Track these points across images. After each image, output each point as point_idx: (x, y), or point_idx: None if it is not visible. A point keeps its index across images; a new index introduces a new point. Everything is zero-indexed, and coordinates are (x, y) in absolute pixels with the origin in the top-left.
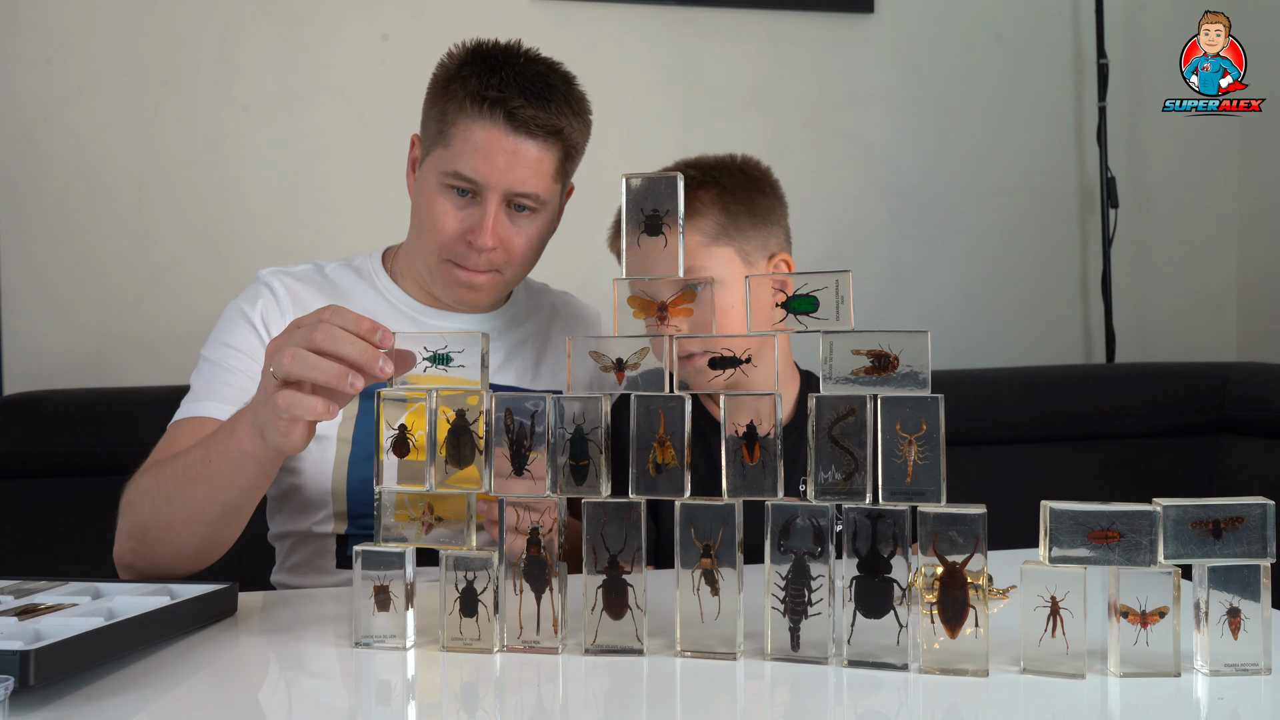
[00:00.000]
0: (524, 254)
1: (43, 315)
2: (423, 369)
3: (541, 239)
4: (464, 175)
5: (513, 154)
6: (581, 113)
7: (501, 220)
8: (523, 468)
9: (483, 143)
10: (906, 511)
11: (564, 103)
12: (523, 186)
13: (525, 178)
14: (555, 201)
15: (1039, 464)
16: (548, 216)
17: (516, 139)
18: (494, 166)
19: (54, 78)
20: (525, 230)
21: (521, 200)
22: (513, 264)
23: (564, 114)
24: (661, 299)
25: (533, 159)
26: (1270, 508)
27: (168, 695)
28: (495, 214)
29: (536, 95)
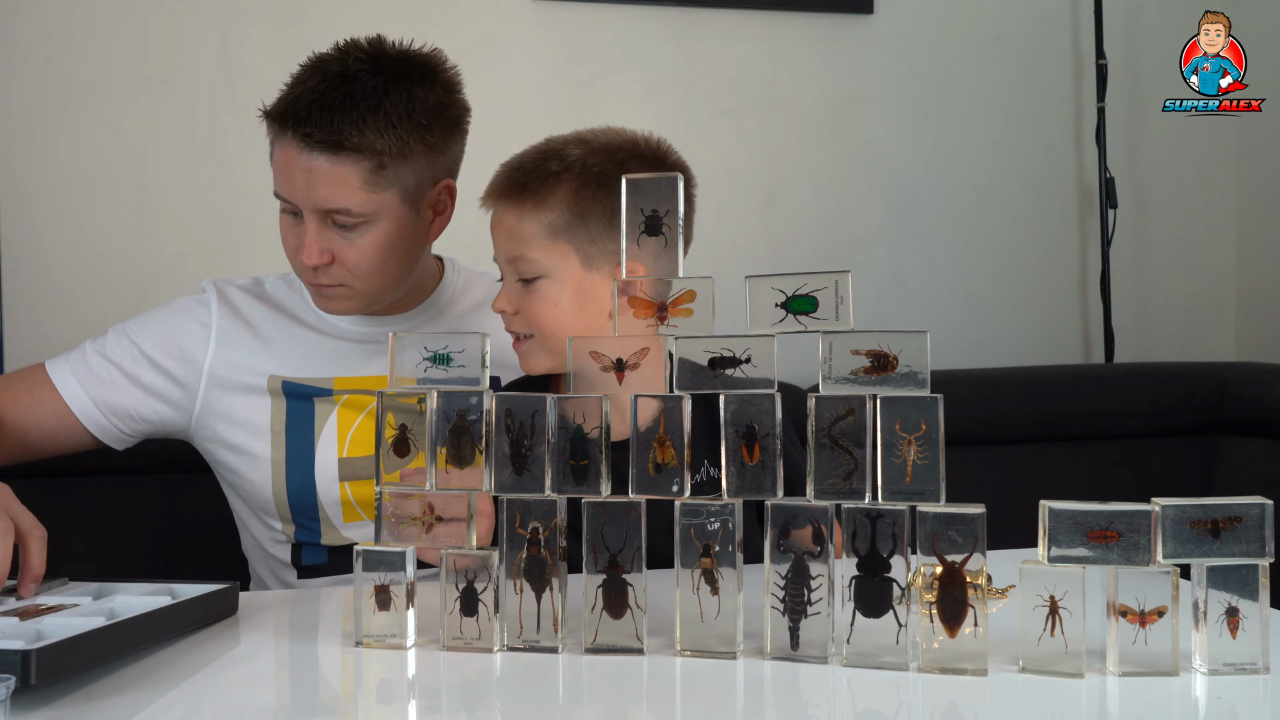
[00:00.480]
0: (364, 265)
1: (43, 315)
2: (423, 369)
3: (383, 250)
4: (280, 195)
5: (308, 171)
6: (397, 120)
7: (325, 235)
8: (523, 468)
9: (282, 162)
10: (906, 511)
11: (363, 113)
12: (328, 203)
13: (328, 194)
14: (390, 210)
15: (1038, 464)
16: (387, 226)
17: (309, 156)
18: (295, 185)
19: (54, 78)
20: (357, 243)
21: (339, 217)
22: (356, 276)
23: (357, 127)
24: (661, 299)
25: (331, 175)
26: (1269, 507)
27: (168, 695)
28: (314, 231)
29: (326, 108)
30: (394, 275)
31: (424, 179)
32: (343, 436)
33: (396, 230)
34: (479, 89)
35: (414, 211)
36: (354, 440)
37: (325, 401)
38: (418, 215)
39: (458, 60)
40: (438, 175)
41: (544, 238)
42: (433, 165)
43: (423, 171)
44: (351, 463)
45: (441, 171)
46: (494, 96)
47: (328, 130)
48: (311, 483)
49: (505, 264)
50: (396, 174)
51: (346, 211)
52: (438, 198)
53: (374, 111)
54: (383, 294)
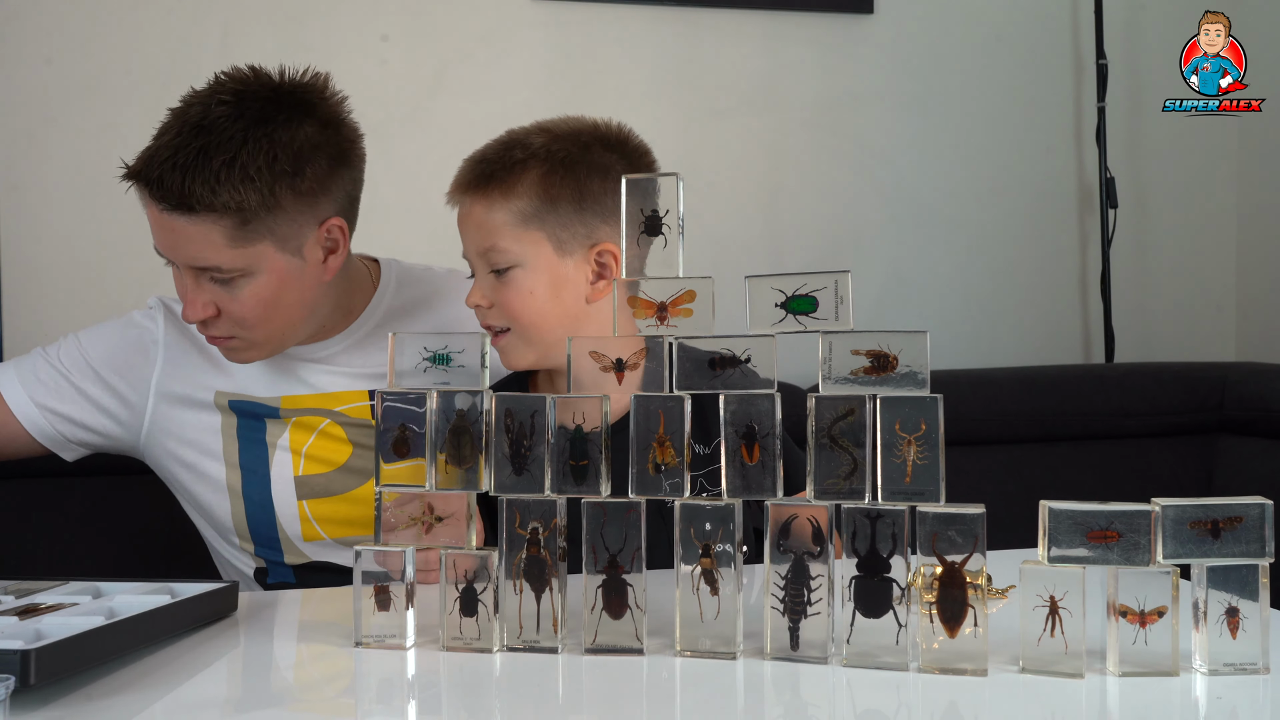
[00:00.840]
0: (250, 317)
1: (43, 315)
2: (423, 369)
3: (268, 299)
4: (156, 249)
5: (171, 231)
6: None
7: (205, 290)
8: (523, 468)
9: (150, 219)
10: (906, 511)
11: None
12: (195, 261)
13: (194, 253)
14: (265, 262)
15: (1038, 464)
16: (268, 278)
17: (169, 216)
18: (163, 243)
19: (54, 78)
20: (239, 296)
21: (212, 275)
22: (245, 328)
23: (209, 186)
24: (661, 299)
25: (193, 234)
26: (1269, 507)
27: (168, 695)
28: (192, 286)
29: (178, 167)
30: (290, 321)
31: (302, 224)
32: (297, 455)
33: (278, 280)
34: (479, 89)
35: (296, 258)
36: (309, 457)
37: (276, 422)
38: (303, 260)
39: (457, 60)
40: (322, 215)
41: (515, 226)
42: (313, 208)
43: (299, 218)
44: (309, 481)
45: (327, 210)
46: (494, 96)
47: (179, 193)
48: (269, 503)
49: (476, 257)
50: (265, 225)
51: (216, 269)
52: (327, 237)
53: (229, 166)
54: (286, 337)
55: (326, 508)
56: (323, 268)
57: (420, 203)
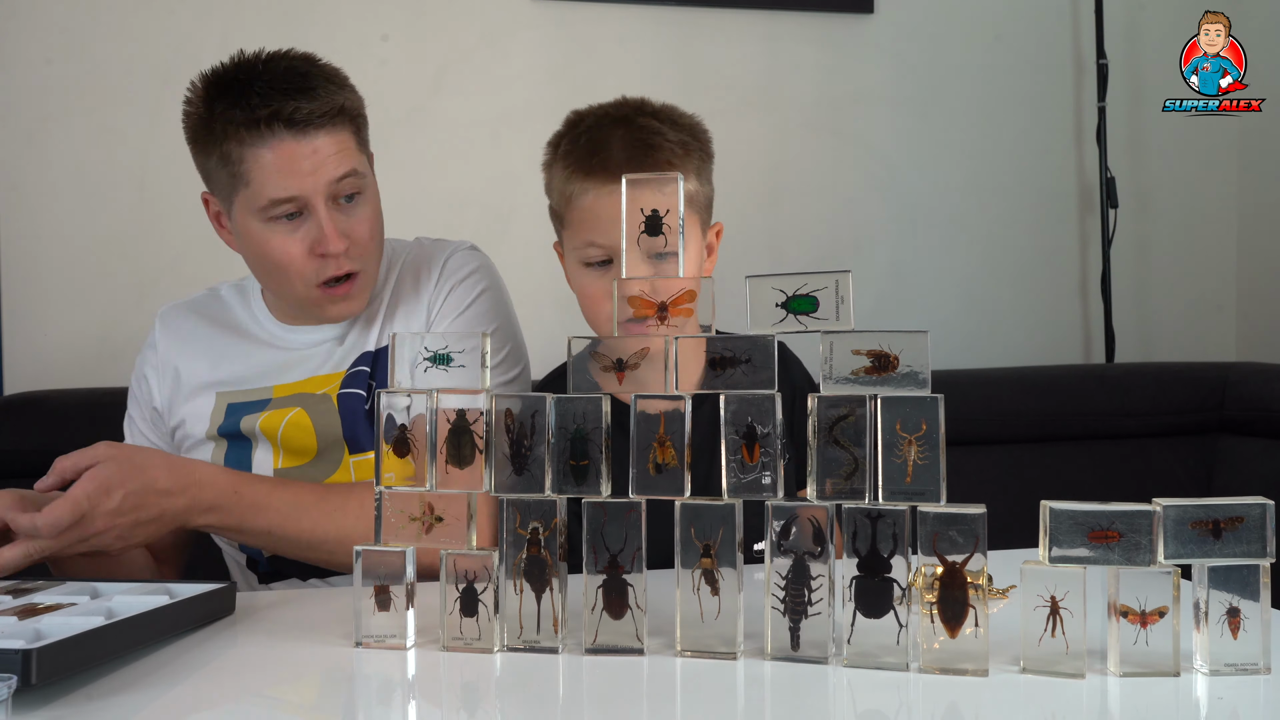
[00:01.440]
0: (372, 239)
1: (43, 315)
2: (423, 369)
3: (379, 218)
4: (281, 199)
5: (313, 154)
6: (342, 80)
7: (338, 219)
8: (523, 468)
9: (281, 161)
10: (906, 511)
11: (326, 81)
12: (339, 169)
13: (337, 163)
14: (372, 175)
15: (1039, 464)
16: (374, 193)
17: (309, 140)
18: (303, 175)
19: (54, 78)
20: (363, 215)
21: (346, 185)
22: (367, 255)
23: (333, 91)
24: (661, 299)
25: (333, 144)
26: (1270, 508)
27: (168, 695)
28: (329, 216)
29: (300, 90)
30: (382, 247)
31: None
32: (277, 450)
33: (377, 198)
34: (479, 89)
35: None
36: (286, 450)
37: (251, 417)
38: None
39: (457, 60)
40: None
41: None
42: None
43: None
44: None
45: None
46: (494, 96)
47: (315, 104)
48: None
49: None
50: (367, 135)
51: (354, 173)
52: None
53: (327, 79)
54: (378, 274)
55: None
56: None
57: (420, 202)
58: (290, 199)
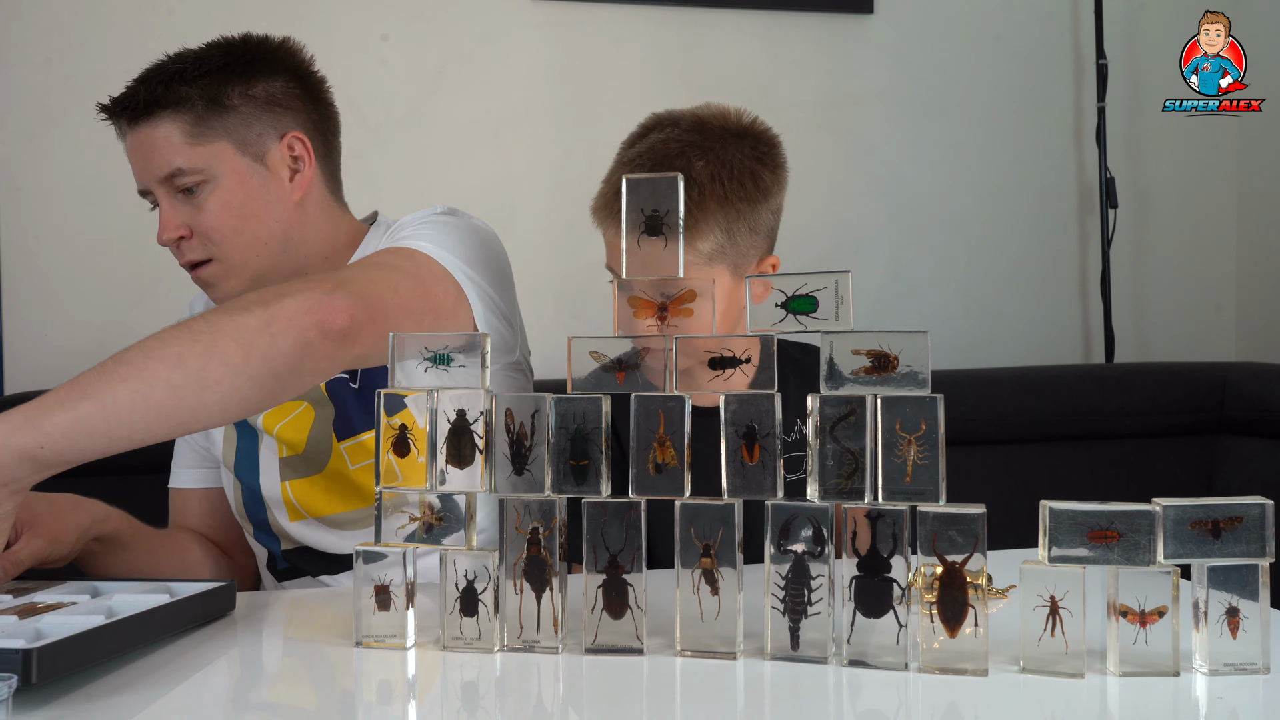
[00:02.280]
0: (219, 229)
1: (43, 315)
2: (423, 369)
3: (235, 207)
4: (138, 191)
5: (138, 147)
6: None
7: (177, 208)
8: (523, 468)
9: (127, 153)
10: (906, 511)
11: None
12: (162, 168)
13: (159, 160)
14: (226, 165)
15: (1039, 464)
16: (229, 183)
17: (136, 132)
18: (137, 166)
19: (54, 78)
20: (207, 206)
21: (179, 182)
22: (218, 245)
23: (163, 84)
24: (661, 299)
25: (157, 138)
26: (1269, 507)
27: (168, 694)
28: (165, 206)
29: (140, 81)
30: (261, 240)
31: (260, 131)
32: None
33: (241, 185)
34: (479, 89)
35: (259, 165)
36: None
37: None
38: (266, 170)
39: (458, 60)
40: (283, 128)
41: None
42: (272, 116)
43: (256, 124)
44: (291, 461)
45: (288, 124)
46: (494, 96)
47: (138, 98)
48: (258, 487)
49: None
50: (221, 124)
51: (180, 171)
52: (290, 152)
53: (181, 71)
54: (260, 264)
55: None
56: (290, 185)
57: (420, 202)
58: (141, 191)
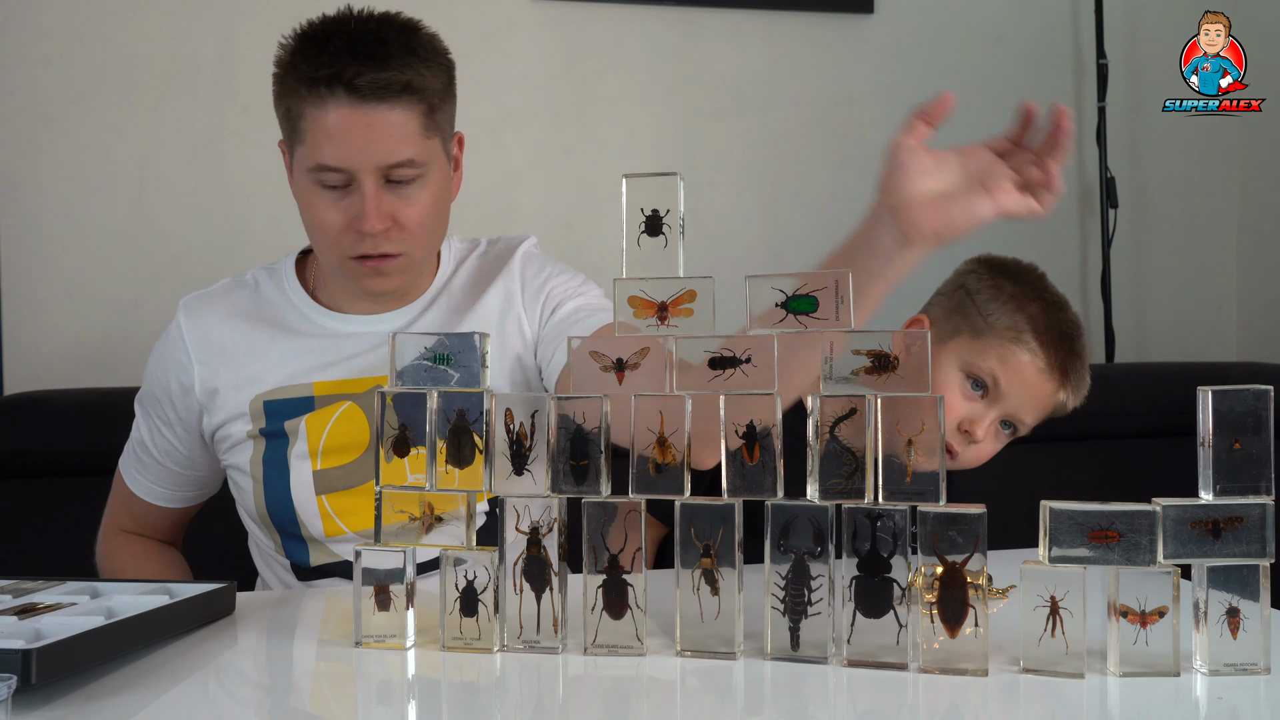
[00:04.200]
0: (422, 226)
1: (43, 315)
2: (423, 369)
3: (438, 204)
4: (328, 165)
5: (368, 127)
6: (431, 57)
7: (384, 198)
8: (523, 468)
9: (334, 126)
10: (906, 511)
11: (406, 54)
12: (391, 157)
13: (391, 147)
14: (439, 159)
15: (1039, 464)
16: (437, 178)
17: (367, 110)
18: (354, 147)
19: (54, 78)
20: (415, 200)
21: (398, 172)
22: (414, 239)
23: (409, 66)
24: (661, 299)
25: (393, 125)
26: (1269, 508)
27: (168, 695)
28: (374, 195)
29: (371, 57)
30: (439, 236)
31: (451, 127)
32: (314, 449)
33: (443, 183)
34: (479, 89)
35: (449, 163)
36: (326, 451)
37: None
38: (449, 166)
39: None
40: (453, 124)
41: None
42: (453, 111)
43: (452, 118)
44: (326, 475)
45: (454, 119)
46: (494, 96)
47: (383, 74)
48: (289, 500)
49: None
50: (444, 117)
51: (409, 163)
52: (458, 149)
53: (414, 52)
54: (428, 260)
55: (344, 501)
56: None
57: None
58: (338, 169)
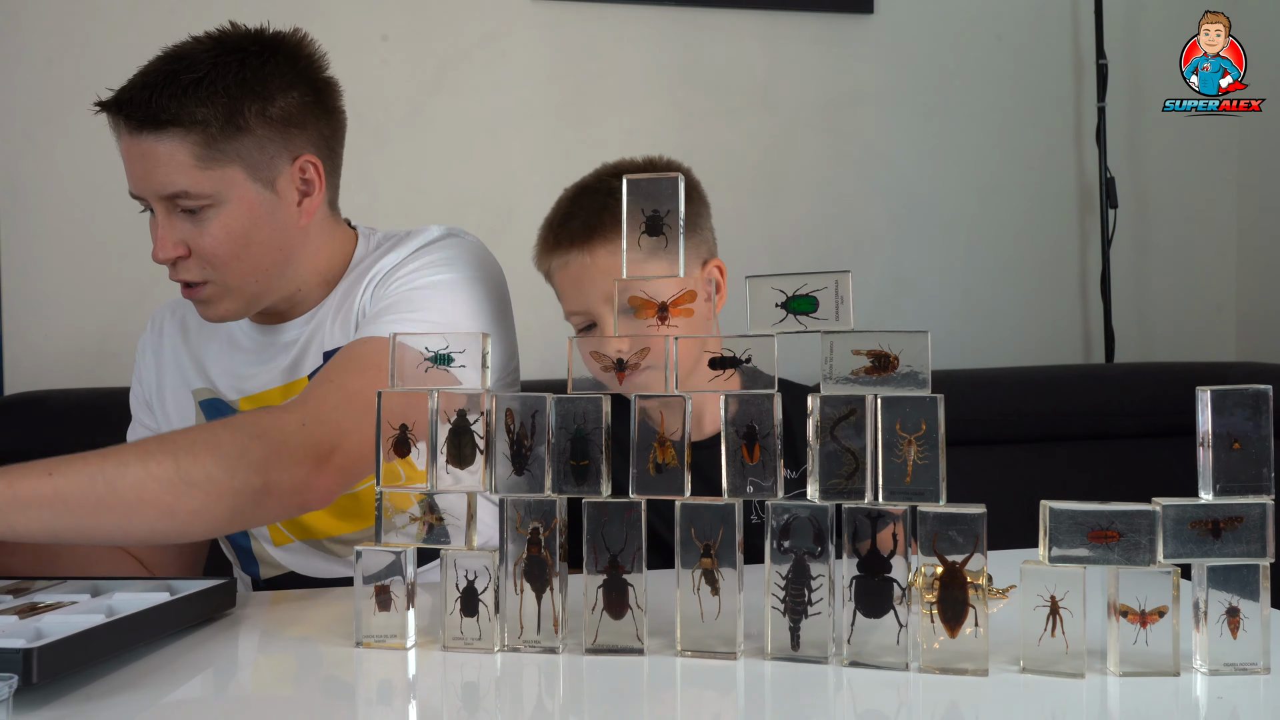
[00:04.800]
0: (220, 254)
1: (43, 315)
2: (424, 369)
3: (240, 233)
4: (131, 192)
5: (141, 157)
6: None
7: (176, 226)
8: (523, 468)
9: (123, 153)
10: (906, 511)
11: (184, 86)
12: (165, 188)
13: (163, 177)
14: (234, 189)
15: (1039, 464)
16: (238, 208)
17: (139, 140)
18: (135, 175)
19: (54, 78)
20: (209, 230)
21: (182, 200)
22: (215, 268)
23: (176, 99)
24: (661, 299)
25: (161, 154)
26: (1269, 507)
27: (168, 694)
28: (163, 222)
29: (147, 87)
30: (262, 265)
31: (274, 154)
32: None
33: (249, 212)
34: (479, 89)
35: (269, 191)
36: None
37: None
38: (275, 195)
39: (458, 60)
40: (295, 151)
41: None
42: (286, 139)
43: (270, 147)
44: None
45: (301, 146)
46: (494, 96)
47: (146, 108)
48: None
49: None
50: (234, 148)
51: (185, 194)
52: (301, 176)
53: (196, 84)
54: (258, 288)
55: None
56: (298, 210)
57: (420, 202)
58: (135, 196)
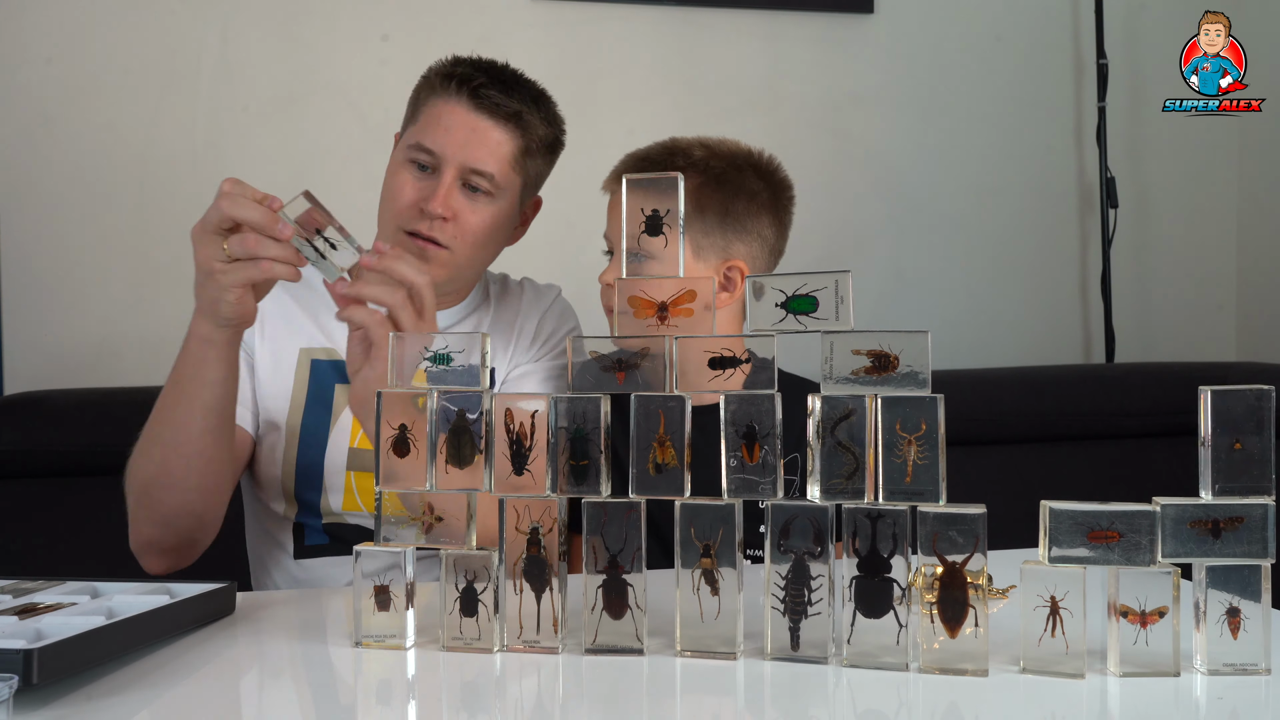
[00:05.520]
0: (475, 235)
1: (43, 315)
2: (424, 369)
3: (495, 229)
4: (424, 146)
5: (471, 130)
6: (545, 112)
7: (455, 194)
8: (523, 468)
9: (445, 116)
10: (906, 511)
11: (529, 97)
12: (478, 164)
13: (482, 155)
14: (512, 193)
15: (1039, 464)
16: (504, 208)
17: (477, 116)
18: (452, 139)
19: (54, 78)
20: (479, 211)
21: (476, 180)
22: (463, 242)
23: (527, 104)
24: (661, 299)
25: (491, 139)
26: (1270, 507)
27: (168, 695)
28: (449, 185)
29: (502, 82)
30: (484, 261)
31: (534, 183)
32: (356, 426)
33: (506, 216)
34: None
35: (516, 211)
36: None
37: (345, 388)
38: (516, 215)
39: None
40: (534, 193)
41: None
42: (541, 175)
43: (537, 176)
44: (361, 454)
45: (536, 191)
46: None
47: (507, 99)
48: (320, 466)
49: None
50: (530, 165)
51: (489, 177)
52: (532, 212)
53: (538, 104)
54: (470, 274)
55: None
56: (515, 232)
57: None
58: (430, 151)
